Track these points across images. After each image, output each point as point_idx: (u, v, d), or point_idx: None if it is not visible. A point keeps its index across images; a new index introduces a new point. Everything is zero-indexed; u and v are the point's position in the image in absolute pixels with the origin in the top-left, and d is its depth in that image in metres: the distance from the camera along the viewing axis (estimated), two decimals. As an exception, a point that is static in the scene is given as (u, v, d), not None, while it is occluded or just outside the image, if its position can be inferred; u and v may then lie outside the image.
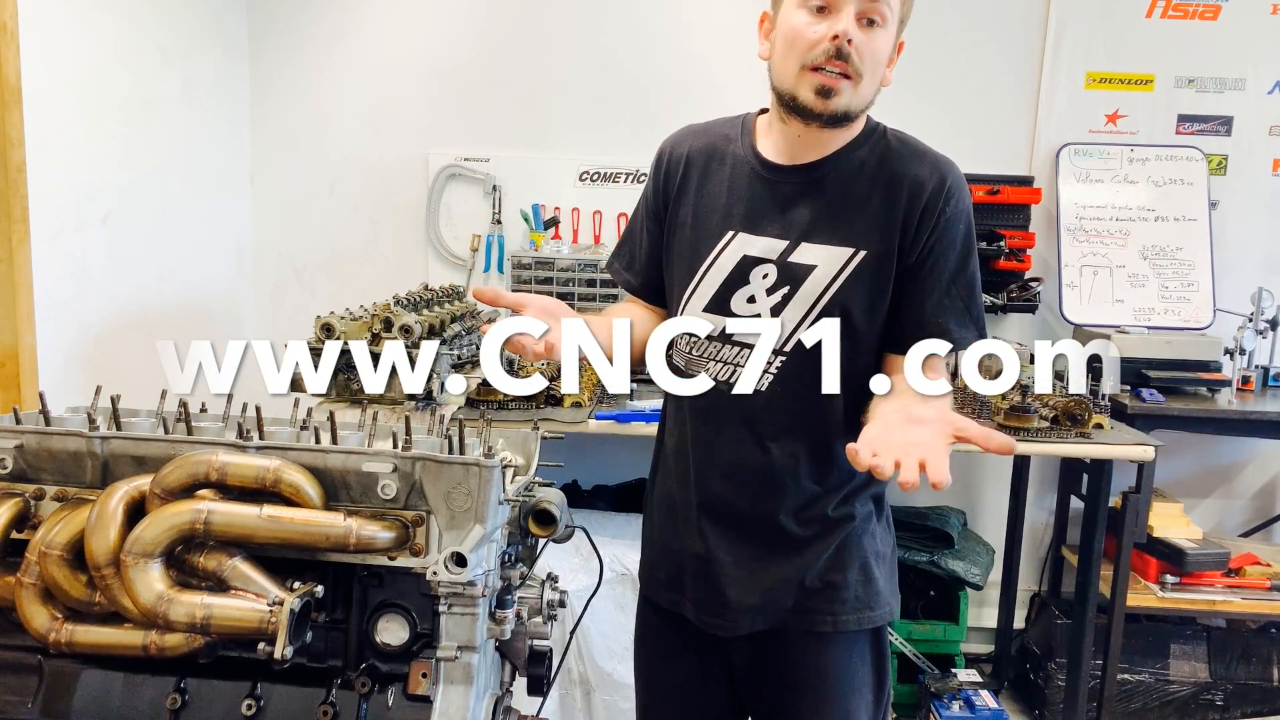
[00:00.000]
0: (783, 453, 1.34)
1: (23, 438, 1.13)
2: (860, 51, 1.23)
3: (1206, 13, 3.28)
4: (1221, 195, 3.32)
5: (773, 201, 1.34)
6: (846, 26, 1.21)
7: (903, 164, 1.32)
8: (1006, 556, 3.32)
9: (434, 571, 1.02)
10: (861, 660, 1.40)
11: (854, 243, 1.29)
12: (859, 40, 1.22)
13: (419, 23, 3.36)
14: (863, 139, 1.34)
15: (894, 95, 3.61)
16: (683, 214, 1.40)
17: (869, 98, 1.29)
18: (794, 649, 1.39)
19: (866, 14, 1.23)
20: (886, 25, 1.25)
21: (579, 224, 3.40)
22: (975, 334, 1.31)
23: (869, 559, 1.39)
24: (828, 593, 1.36)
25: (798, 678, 1.39)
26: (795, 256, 1.31)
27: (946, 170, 1.32)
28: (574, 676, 2.45)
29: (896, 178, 1.30)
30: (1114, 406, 2.75)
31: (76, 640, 1.07)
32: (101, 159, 2.59)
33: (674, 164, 1.43)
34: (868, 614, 1.38)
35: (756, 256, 1.32)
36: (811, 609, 1.37)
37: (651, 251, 1.46)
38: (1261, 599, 2.87)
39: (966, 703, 2.81)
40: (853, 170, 1.32)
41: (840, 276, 1.29)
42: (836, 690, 1.39)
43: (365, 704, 1.10)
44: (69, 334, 2.46)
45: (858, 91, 1.26)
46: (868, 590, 1.38)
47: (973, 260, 1.33)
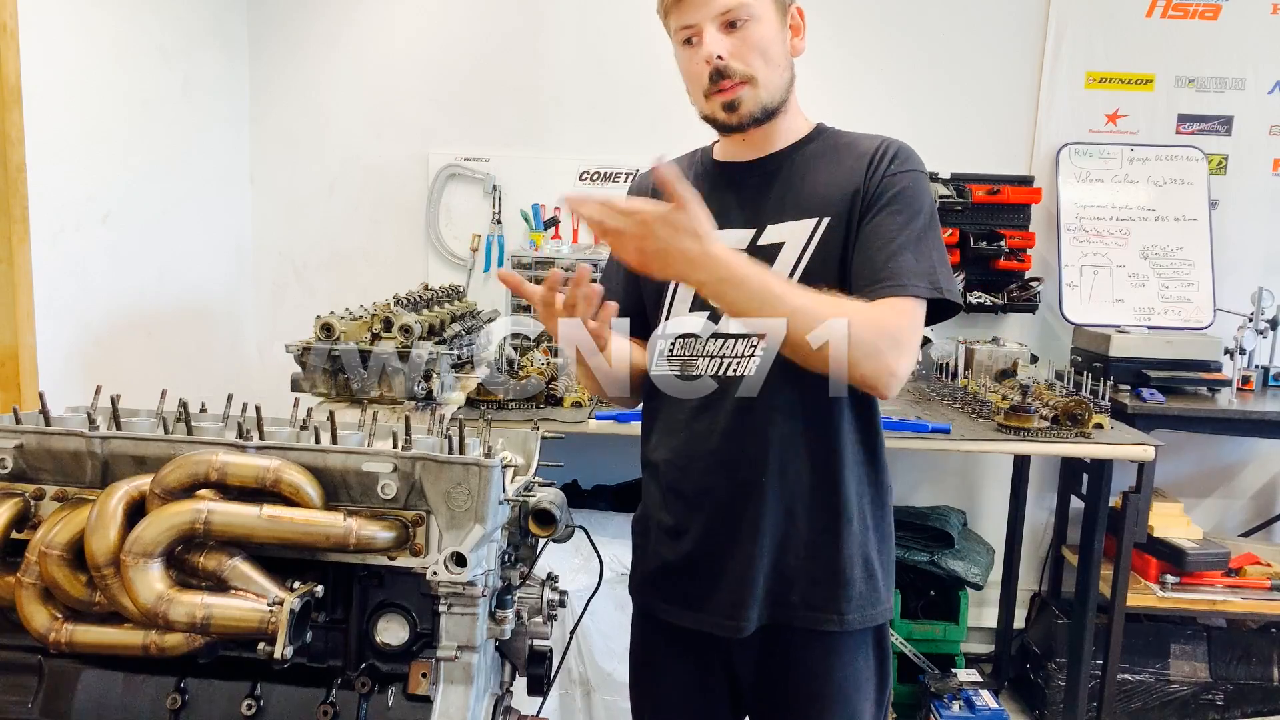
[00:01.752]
0: (782, 435, 1.33)
1: (23, 438, 1.12)
2: (737, 56, 1.29)
3: (1206, 13, 3.28)
4: (1221, 195, 3.32)
5: (736, 197, 1.39)
6: (709, 49, 1.29)
7: (853, 144, 1.37)
8: (1006, 556, 3.32)
9: (434, 571, 1.02)
10: (865, 660, 1.40)
11: (816, 212, 1.33)
12: (731, 48, 1.29)
13: (419, 22, 3.37)
14: (814, 135, 1.40)
15: (895, 95, 3.63)
16: None
17: (779, 83, 1.34)
18: (799, 650, 1.38)
19: (726, 20, 1.29)
20: (754, 16, 1.29)
21: (579, 224, 3.39)
22: (926, 285, 1.26)
23: (871, 555, 1.39)
24: (833, 590, 1.35)
25: (803, 680, 1.39)
26: (764, 239, 1.35)
27: (892, 140, 1.36)
28: (574, 676, 2.45)
29: (847, 151, 1.36)
30: (1114, 406, 2.75)
31: (76, 640, 1.06)
32: (101, 159, 2.59)
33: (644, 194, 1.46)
34: (871, 611, 1.38)
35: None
36: (818, 606, 1.36)
37: (627, 284, 1.48)
38: (1261, 599, 2.87)
39: (966, 703, 2.81)
40: (809, 157, 1.38)
41: (809, 247, 1.32)
42: (842, 691, 1.38)
43: (365, 704, 1.10)
44: (69, 334, 2.46)
45: (761, 87, 1.32)
46: (870, 587, 1.38)
47: (923, 220, 1.30)
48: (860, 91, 3.33)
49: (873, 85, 3.32)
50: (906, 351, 1.25)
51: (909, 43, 3.31)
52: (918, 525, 3.15)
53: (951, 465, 3.49)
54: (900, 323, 1.24)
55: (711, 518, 1.38)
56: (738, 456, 1.35)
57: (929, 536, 3.12)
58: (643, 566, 1.50)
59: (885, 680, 1.44)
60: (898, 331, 1.23)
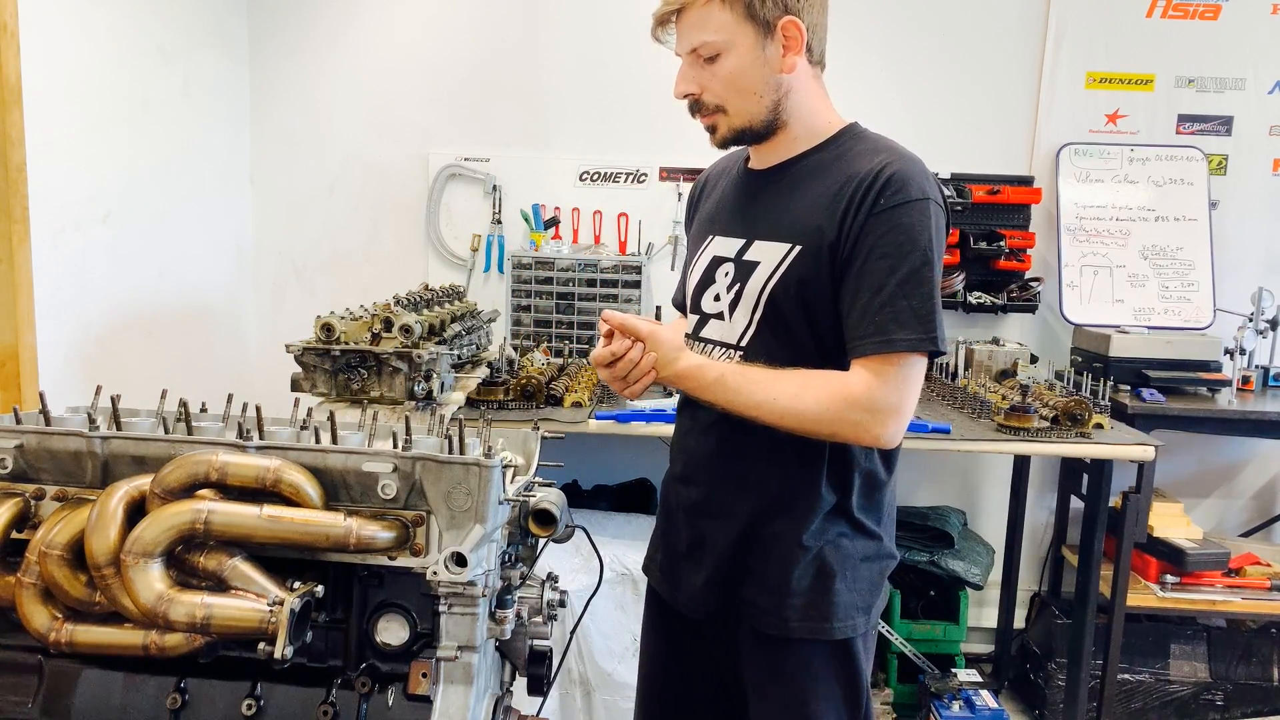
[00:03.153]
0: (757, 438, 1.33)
1: (23, 438, 1.13)
2: (707, 89, 1.32)
3: (1206, 13, 3.28)
4: (1221, 195, 3.32)
5: (743, 203, 1.42)
6: (680, 89, 1.34)
7: (853, 160, 1.31)
8: (1006, 556, 3.32)
9: (434, 571, 1.02)
10: (823, 671, 1.36)
11: (792, 238, 1.31)
12: (701, 82, 1.32)
13: (419, 23, 3.37)
14: (833, 140, 1.36)
15: (895, 95, 3.63)
16: (691, 231, 1.53)
17: (757, 108, 1.32)
18: (748, 646, 1.41)
19: (698, 55, 1.31)
20: (726, 48, 1.29)
21: (579, 224, 3.40)
22: (918, 335, 1.22)
23: (832, 568, 1.34)
24: (777, 596, 1.35)
25: (755, 676, 1.42)
26: (748, 254, 1.36)
27: (894, 164, 1.26)
28: (574, 676, 2.45)
29: (839, 172, 1.30)
30: (1114, 406, 2.75)
31: (76, 640, 1.06)
32: (101, 159, 2.59)
33: (699, 186, 1.56)
34: (822, 625, 1.34)
35: (722, 256, 1.40)
36: (764, 608, 1.36)
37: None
38: (1261, 599, 2.87)
39: (966, 703, 2.81)
40: (809, 170, 1.35)
41: (776, 274, 1.31)
42: (794, 696, 1.37)
43: (365, 704, 1.10)
44: (69, 334, 2.46)
45: (734, 115, 1.33)
46: (824, 600, 1.34)
47: (916, 259, 1.22)
48: (860, 91, 3.31)
49: (873, 85, 3.31)
50: (890, 415, 1.23)
51: (909, 43, 3.31)
52: (918, 525, 3.15)
53: (951, 465, 3.49)
54: (880, 389, 1.22)
55: (697, 504, 1.44)
56: (716, 452, 1.41)
57: (929, 536, 3.12)
58: (654, 543, 1.58)
59: (856, 695, 1.39)
60: (875, 400, 1.22)
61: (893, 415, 1.23)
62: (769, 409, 1.25)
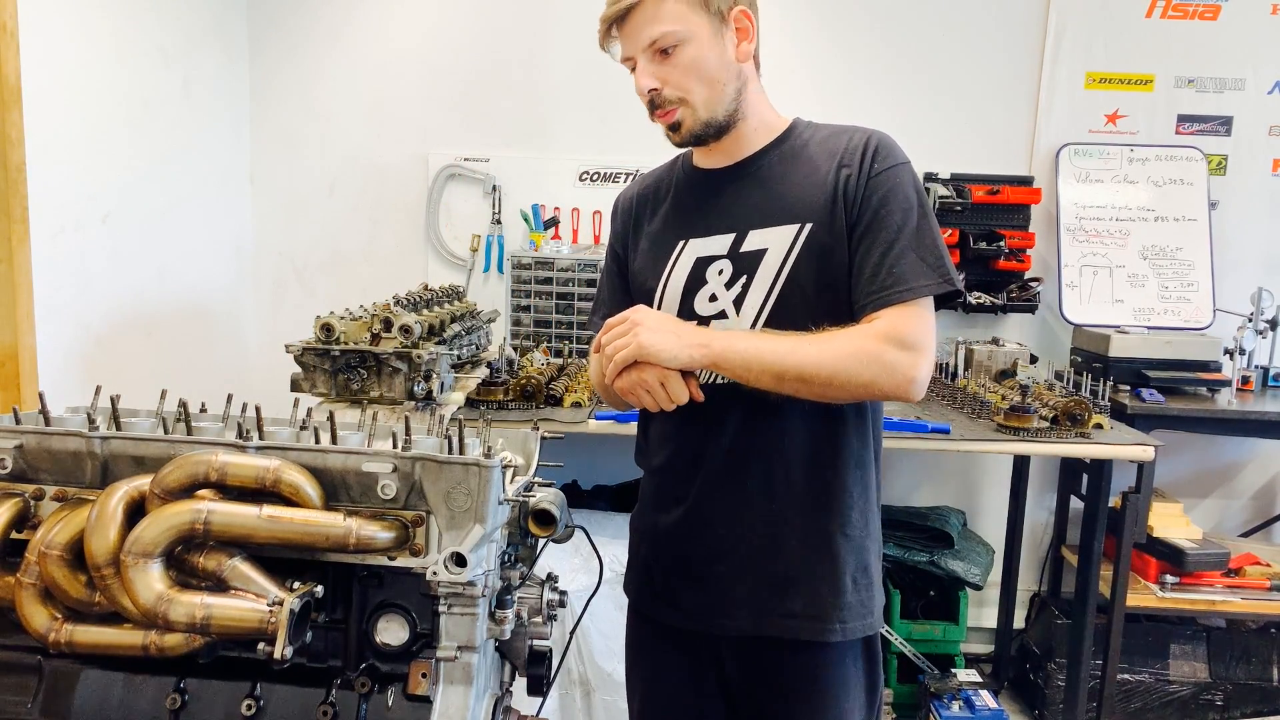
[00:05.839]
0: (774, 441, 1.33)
1: (23, 438, 1.12)
2: (669, 83, 1.31)
3: (1206, 13, 3.28)
4: (1221, 195, 3.32)
5: (717, 202, 1.39)
6: (640, 83, 1.32)
7: (830, 139, 1.36)
8: (1006, 556, 3.32)
9: (434, 571, 1.02)
10: (855, 666, 1.39)
11: (798, 218, 1.32)
12: (662, 75, 1.31)
13: (419, 22, 3.37)
14: (788, 134, 1.39)
15: (895, 95, 3.63)
16: (640, 247, 1.48)
17: (720, 97, 1.34)
18: (789, 657, 1.37)
19: (656, 49, 1.31)
20: (684, 40, 1.30)
21: (579, 224, 3.40)
22: (936, 280, 1.27)
23: (870, 563, 1.38)
24: (829, 602, 1.34)
25: (791, 686, 1.38)
26: (746, 245, 1.35)
27: (874, 135, 1.34)
28: (574, 676, 2.45)
29: (825, 150, 1.35)
30: (1114, 406, 2.76)
31: (76, 640, 1.06)
32: (101, 159, 2.59)
33: (627, 209, 1.53)
34: (865, 622, 1.37)
35: (710, 255, 1.37)
36: (813, 617, 1.34)
37: (621, 298, 1.49)
38: (1261, 599, 2.87)
39: (966, 703, 2.81)
40: (784, 157, 1.37)
41: (792, 253, 1.31)
42: (830, 697, 1.37)
43: (365, 704, 1.10)
44: (69, 334, 2.46)
45: (699, 106, 1.32)
46: (865, 597, 1.37)
47: (916, 214, 1.29)
48: (860, 91, 3.34)
49: (873, 85, 3.32)
50: (923, 354, 1.25)
51: (909, 43, 3.31)
52: (917, 525, 3.15)
53: (951, 465, 3.49)
54: (909, 327, 1.25)
55: (704, 521, 1.39)
56: (728, 462, 1.36)
57: (929, 537, 3.12)
58: (637, 565, 1.51)
59: (875, 685, 1.42)
60: (907, 337, 1.24)
61: (924, 354, 1.26)
62: (800, 357, 1.23)
